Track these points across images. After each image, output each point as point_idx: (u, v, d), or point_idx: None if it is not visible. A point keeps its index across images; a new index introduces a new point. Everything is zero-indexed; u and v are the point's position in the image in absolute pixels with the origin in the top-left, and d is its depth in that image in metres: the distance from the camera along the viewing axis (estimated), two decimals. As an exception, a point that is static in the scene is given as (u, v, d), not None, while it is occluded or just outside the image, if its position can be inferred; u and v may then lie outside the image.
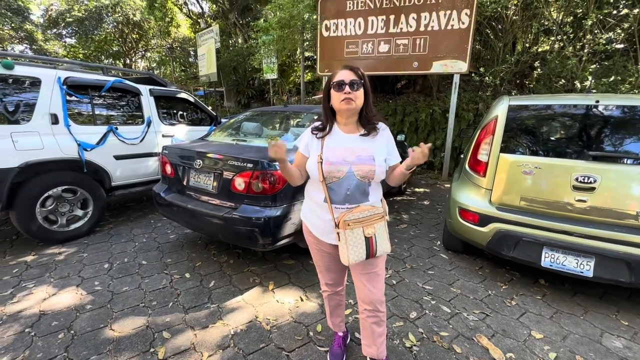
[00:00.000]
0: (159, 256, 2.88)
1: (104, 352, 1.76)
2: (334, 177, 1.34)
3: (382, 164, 1.37)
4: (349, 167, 1.33)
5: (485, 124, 2.54)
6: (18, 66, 2.85)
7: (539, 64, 5.91)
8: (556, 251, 2.19)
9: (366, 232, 1.33)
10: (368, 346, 1.57)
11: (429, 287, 2.45)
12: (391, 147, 1.43)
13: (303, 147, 1.45)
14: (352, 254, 1.32)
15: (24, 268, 2.64)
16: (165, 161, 2.81)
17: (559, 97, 2.48)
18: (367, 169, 1.33)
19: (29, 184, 2.83)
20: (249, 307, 2.18)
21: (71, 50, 17.97)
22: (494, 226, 2.38)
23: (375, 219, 1.36)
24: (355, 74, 1.33)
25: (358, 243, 1.32)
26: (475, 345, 1.84)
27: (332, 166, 1.33)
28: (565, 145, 2.32)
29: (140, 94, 3.72)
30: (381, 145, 1.40)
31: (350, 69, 1.34)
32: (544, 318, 2.11)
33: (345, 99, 1.31)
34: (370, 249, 1.35)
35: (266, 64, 8.59)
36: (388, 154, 1.41)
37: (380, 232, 1.37)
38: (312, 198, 1.46)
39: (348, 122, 1.40)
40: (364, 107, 1.38)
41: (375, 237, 1.35)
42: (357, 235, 1.32)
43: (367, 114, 1.39)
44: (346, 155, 1.34)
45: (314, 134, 1.42)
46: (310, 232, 1.52)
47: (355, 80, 1.31)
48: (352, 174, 1.33)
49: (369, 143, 1.38)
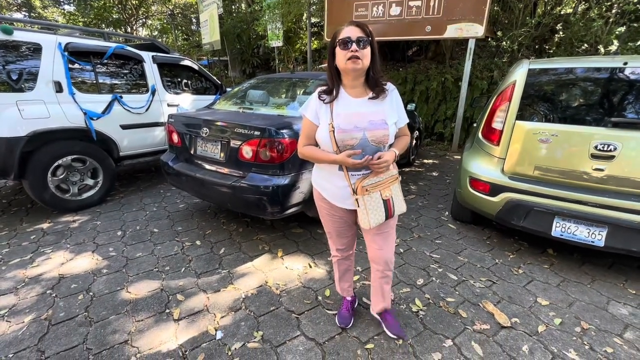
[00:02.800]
0: (169, 224, 2.94)
1: (122, 312, 1.84)
2: (347, 144, 1.29)
3: (393, 126, 1.35)
4: (362, 134, 1.29)
5: (502, 90, 2.42)
6: (17, 31, 2.76)
7: (562, 27, 5.54)
8: (568, 221, 2.15)
9: (383, 194, 1.36)
10: (377, 304, 1.68)
11: (436, 255, 2.47)
12: (400, 109, 1.40)
13: (312, 115, 1.37)
14: (372, 218, 1.35)
15: (41, 235, 2.72)
16: (171, 130, 2.78)
17: (583, 59, 2.32)
18: (381, 134, 1.30)
19: (38, 153, 2.85)
20: (258, 272, 2.24)
21: (70, 18, 17.43)
22: (505, 196, 2.34)
23: (390, 181, 1.38)
24: (362, 31, 1.24)
25: (377, 206, 1.35)
26: (480, 311, 1.88)
27: (345, 134, 1.28)
28: (585, 111, 2.21)
29: (143, 61, 3.62)
30: (392, 107, 1.36)
31: (356, 25, 1.24)
32: (550, 286, 2.12)
33: (351, 57, 1.23)
34: (389, 211, 1.39)
35: (271, 30, 8.23)
36: (398, 117, 1.38)
37: (396, 193, 1.41)
38: (325, 166, 1.42)
39: (355, 84, 1.33)
40: (371, 67, 1.30)
41: (392, 199, 1.39)
42: (376, 199, 1.34)
43: (375, 75, 1.32)
44: (358, 121, 1.29)
45: (321, 99, 1.35)
46: (322, 198, 1.50)
47: (362, 37, 1.22)
48: (366, 140, 1.29)
49: (379, 106, 1.33)
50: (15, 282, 2.11)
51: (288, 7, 7.16)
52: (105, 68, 3.34)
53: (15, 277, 2.16)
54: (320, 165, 1.47)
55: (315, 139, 1.39)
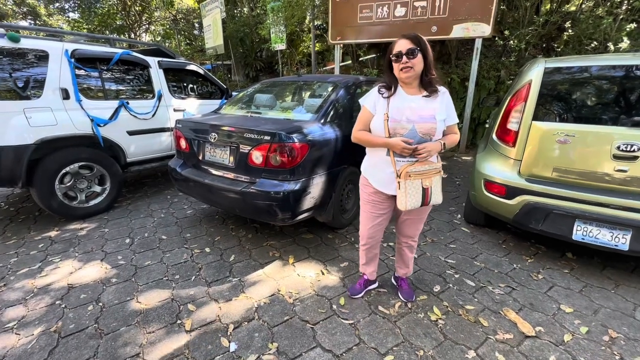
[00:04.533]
0: (178, 231, 2.90)
1: (132, 324, 1.80)
2: (398, 133, 1.49)
3: (441, 123, 1.51)
4: (412, 125, 1.48)
5: (517, 90, 2.36)
6: (24, 39, 2.75)
7: (570, 25, 5.46)
8: (589, 224, 2.08)
9: (424, 183, 1.52)
10: (401, 268, 1.97)
11: (452, 260, 2.41)
12: (450, 109, 1.56)
13: (370, 105, 1.58)
14: (409, 201, 1.51)
15: (49, 243, 2.69)
16: (179, 135, 2.75)
17: (601, 57, 2.26)
18: (428, 127, 1.48)
19: (46, 161, 2.82)
20: (270, 280, 2.19)
21: (75, 25, 17.60)
22: (522, 198, 2.27)
23: (432, 172, 1.54)
24: (412, 42, 1.42)
25: (416, 192, 1.51)
26: (502, 319, 1.81)
27: (397, 123, 1.48)
28: (605, 111, 2.14)
29: (149, 67, 3.60)
30: (442, 106, 1.52)
31: (406, 38, 1.44)
32: (573, 292, 2.05)
33: (403, 68, 1.44)
34: (426, 198, 1.55)
35: (274, 34, 8.22)
36: (447, 115, 1.54)
37: (436, 184, 1.56)
38: (376, 153, 1.62)
39: (411, 86, 1.53)
40: (425, 71, 1.49)
41: (431, 189, 1.54)
42: (416, 185, 1.51)
43: (428, 77, 1.50)
44: (410, 115, 1.48)
45: (380, 93, 1.55)
46: (369, 184, 1.69)
47: (412, 48, 1.42)
48: (414, 131, 1.48)
49: (430, 104, 1.51)
50: (24, 292, 2.08)
51: (292, 10, 7.14)
52: (111, 74, 3.32)
53: (24, 287, 2.13)
54: (371, 153, 1.68)
55: (369, 127, 1.60)
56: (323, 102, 2.65)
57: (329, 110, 2.57)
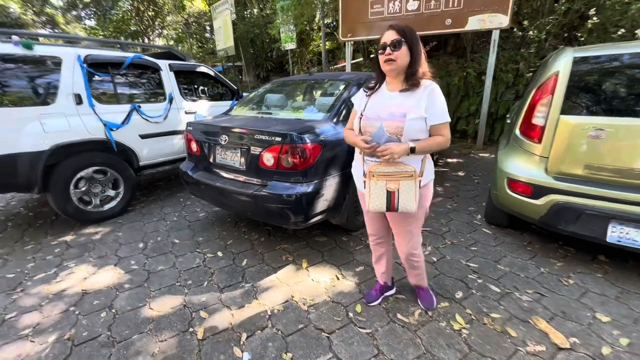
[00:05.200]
0: (190, 234, 2.88)
1: (144, 332, 1.77)
2: (367, 131, 1.44)
3: (415, 122, 1.36)
4: (380, 123, 1.40)
5: (542, 82, 2.21)
6: (37, 46, 2.78)
7: (594, 12, 5.17)
8: (626, 225, 1.92)
9: (388, 185, 1.40)
10: (410, 278, 1.88)
11: (474, 264, 2.28)
12: (434, 106, 1.37)
13: (357, 104, 1.56)
14: (372, 203, 1.45)
15: (65, 248, 2.71)
16: (190, 138, 2.72)
17: (634, 44, 2.08)
18: (394, 125, 1.37)
19: (60, 166, 2.85)
20: (283, 286, 2.12)
21: (91, 32, 18.07)
22: (550, 198, 2.12)
23: (401, 175, 1.39)
24: (398, 33, 1.34)
25: (379, 194, 1.42)
26: (532, 329, 1.68)
27: (367, 121, 1.44)
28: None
29: (160, 70, 3.60)
30: (419, 102, 1.37)
31: (392, 29, 1.36)
32: (608, 299, 1.90)
33: (386, 60, 1.36)
34: (392, 203, 1.42)
35: (284, 33, 8.17)
36: (428, 113, 1.36)
37: (406, 189, 1.40)
38: (356, 151, 1.62)
39: (395, 80, 1.45)
40: (411, 64, 1.38)
41: (397, 193, 1.40)
42: (380, 187, 1.41)
43: (412, 70, 1.38)
44: (380, 111, 1.42)
45: (364, 91, 1.55)
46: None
47: (397, 39, 1.33)
48: (381, 129, 1.40)
49: (405, 99, 1.39)
50: (40, 298, 2.08)
51: (301, 8, 7.07)
52: (123, 78, 3.33)
53: (40, 293, 2.13)
54: (355, 153, 1.64)
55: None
56: (335, 101, 2.56)
57: (342, 108, 2.48)
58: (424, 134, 1.40)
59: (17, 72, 2.64)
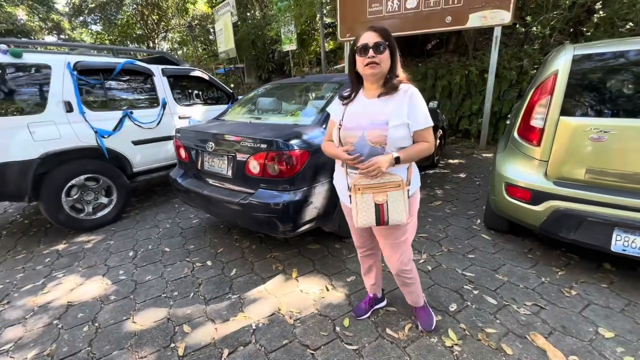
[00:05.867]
0: (181, 242, 2.83)
1: (125, 347, 1.71)
2: (348, 142, 1.33)
3: (399, 129, 1.27)
4: (361, 133, 1.30)
5: (541, 81, 2.10)
6: (26, 54, 2.76)
7: (600, 6, 4.99)
8: (631, 233, 1.80)
9: (375, 198, 1.31)
10: (406, 297, 1.73)
11: (470, 273, 2.18)
12: (415, 112, 1.29)
13: (334, 114, 1.47)
14: (360, 218, 1.35)
15: (56, 257, 2.69)
16: (178, 145, 2.67)
17: (638, 40, 1.96)
18: (377, 134, 1.27)
19: (51, 175, 2.83)
20: (271, 297, 2.05)
21: (97, 37, 18.31)
22: (551, 204, 2.02)
23: (388, 186, 1.31)
24: (380, 35, 1.26)
25: (367, 208, 1.33)
26: (529, 345, 1.58)
27: (347, 131, 1.34)
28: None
29: (153, 75, 3.57)
30: (401, 107, 1.28)
31: (374, 30, 1.27)
32: (613, 311, 1.78)
33: (369, 63, 1.25)
34: (381, 216, 1.33)
35: (284, 34, 8.12)
36: (410, 119, 1.28)
37: (395, 200, 1.31)
38: (337, 164, 1.51)
39: (373, 87, 1.35)
40: (390, 70, 1.30)
41: (386, 205, 1.31)
42: (367, 200, 1.32)
43: (391, 75, 1.30)
44: (361, 120, 1.32)
45: (340, 99, 1.45)
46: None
47: (380, 42, 1.24)
48: (363, 139, 1.30)
49: (385, 106, 1.30)
50: (25, 311, 2.05)
51: (299, 9, 7.00)
52: (114, 84, 3.31)
53: (25, 305, 2.10)
54: (336, 164, 1.53)
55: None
56: (326, 104, 2.48)
57: (332, 112, 2.40)
58: (408, 141, 1.32)
59: (6, 81, 2.62)
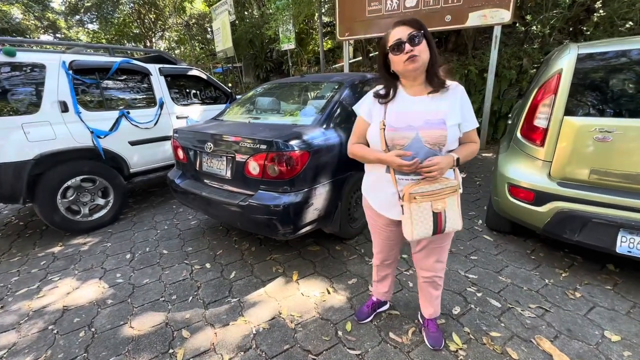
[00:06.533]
0: (180, 244, 2.79)
1: (122, 353, 1.67)
2: (397, 144, 1.20)
3: (454, 129, 1.18)
4: (415, 133, 1.17)
5: (544, 81, 2.07)
6: (20, 53, 2.71)
7: (600, 5, 4.97)
8: (637, 234, 1.78)
9: (434, 206, 1.19)
10: (426, 307, 1.61)
11: (473, 275, 2.15)
12: (466, 110, 1.23)
13: (365, 112, 1.32)
14: (417, 230, 1.21)
15: (51, 260, 2.64)
16: (176, 145, 2.63)
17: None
18: (437, 135, 1.16)
19: (46, 176, 2.78)
20: (271, 301, 2.02)
21: (94, 36, 18.15)
22: (555, 205, 1.99)
23: (446, 192, 1.20)
24: (412, 26, 1.14)
25: (425, 218, 1.20)
26: (534, 350, 1.56)
27: (396, 132, 1.19)
28: (653, 101, 1.83)
29: (150, 74, 3.52)
30: (454, 106, 1.20)
31: (403, 24, 1.16)
32: (618, 314, 1.76)
33: (408, 58, 1.14)
34: (438, 225, 1.22)
35: (282, 33, 8.06)
36: (462, 118, 1.21)
37: (451, 207, 1.22)
38: (374, 169, 1.34)
39: (416, 83, 1.23)
40: (431, 62, 1.18)
41: (444, 213, 1.21)
42: (424, 209, 1.19)
43: (433, 68, 1.19)
44: (412, 120, 1.19)
45: (376, 97, 1.28)
46: (370, 206, 1.44)
47: (414, 33, 1.13)
48: (419, 141, 1.17)
49: (438, 104, 1.20)
50: (19, 315, 2.00)
51: (298, 7, 6.95)
52: (111, 84, 3.25)
53: (20, 310, 2.06)
54: (369, 170, 1.40)
55: (365, 139, 1.33)
56: (326, 104, 2.45)
57: (333, 112, 2.37)
58: (457, 143, 1.25)
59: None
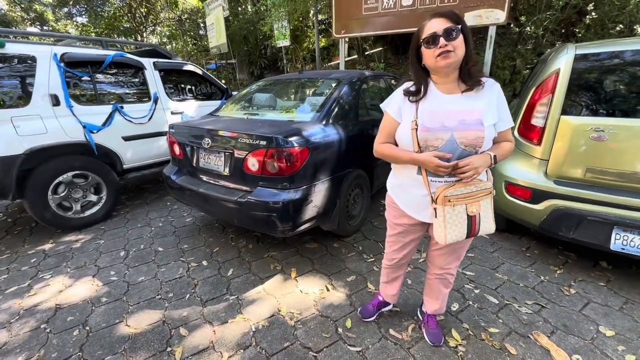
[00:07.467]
0: (175, 242, 2.75)
1: (118, 352, 1.64)
2: (430, 145, 1.14)
3: (491, 129, 1.13)
4: (449, 134, 1.12)
5: (542, 80, 2.10)
6: (10, 44, 2.62)
7: (592, 8, 5.06)
8: (630, 232, 1.82)
9: (469, 209, 1.15)
10: (430, 303, 1.59)
11: (470, 272, 2.18)
12: (503, 109, 1.18)
13: (394, 111, 1.25)
14: (450, 234, 1.16)
15: (42, 257, 2.57)
16: (172, 141, 2.58)
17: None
18: (473, 136, 1.11)
19: (37, 171, 2.70)
20: (270, 298, 2.00)
21: (83, 29, 17.73)
22: (550, 203, 2.02)
23: (481, 194, 1.16)
24: (449, 20, 1.08)
25: (459, 222, 1.16)
26: (532, 345, 1.58)
27: (429, 133, 1.13)
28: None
29: (144, 68, 3.45)
30: (490, 105, 1.14)
31: (441, 16, 1.09)
32: (612, 310, 1.80)
33: (441, 53, 1.08)
34: (472, 229, 1.18)
35: (277, 30, 8.00)
36: (499, 117, 1.16)
37: (486, 209, 1.18)
38: (403, 171, 1.28)
39: (447, 80, 1.17)
40: (465, 58, 1.12)
41: (479, 216, 1.17)
42: (459, 213, 1.15)
43: (468, 65, 1.13)
44: (446, 120, 1.13)
45: (406, 95, 1.21)
46: (395, 206, 1.37)
47: (451, 27, 1.06)
48: (453, 142, 1.12)
49: (474, 103, 1.14)
50: (10, 314, 1.95)
51: (294, 4, 6.90)
52: (104, 77, 3.18)
53: (11, 308, 2.00)
54: (397, 171, 1.34)
55: (394, 138, 1.27)
56: (325, 101, 2.44)
57: (332, 109, 2.36)
58: (492, 143, 1.19)
59: (-12, 72, 2.49)
